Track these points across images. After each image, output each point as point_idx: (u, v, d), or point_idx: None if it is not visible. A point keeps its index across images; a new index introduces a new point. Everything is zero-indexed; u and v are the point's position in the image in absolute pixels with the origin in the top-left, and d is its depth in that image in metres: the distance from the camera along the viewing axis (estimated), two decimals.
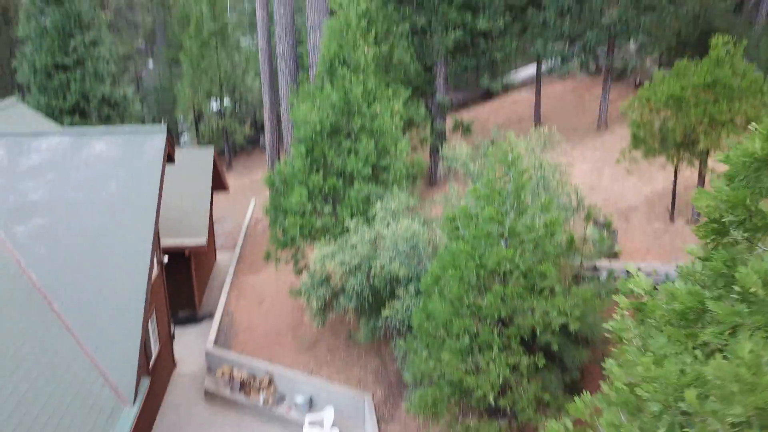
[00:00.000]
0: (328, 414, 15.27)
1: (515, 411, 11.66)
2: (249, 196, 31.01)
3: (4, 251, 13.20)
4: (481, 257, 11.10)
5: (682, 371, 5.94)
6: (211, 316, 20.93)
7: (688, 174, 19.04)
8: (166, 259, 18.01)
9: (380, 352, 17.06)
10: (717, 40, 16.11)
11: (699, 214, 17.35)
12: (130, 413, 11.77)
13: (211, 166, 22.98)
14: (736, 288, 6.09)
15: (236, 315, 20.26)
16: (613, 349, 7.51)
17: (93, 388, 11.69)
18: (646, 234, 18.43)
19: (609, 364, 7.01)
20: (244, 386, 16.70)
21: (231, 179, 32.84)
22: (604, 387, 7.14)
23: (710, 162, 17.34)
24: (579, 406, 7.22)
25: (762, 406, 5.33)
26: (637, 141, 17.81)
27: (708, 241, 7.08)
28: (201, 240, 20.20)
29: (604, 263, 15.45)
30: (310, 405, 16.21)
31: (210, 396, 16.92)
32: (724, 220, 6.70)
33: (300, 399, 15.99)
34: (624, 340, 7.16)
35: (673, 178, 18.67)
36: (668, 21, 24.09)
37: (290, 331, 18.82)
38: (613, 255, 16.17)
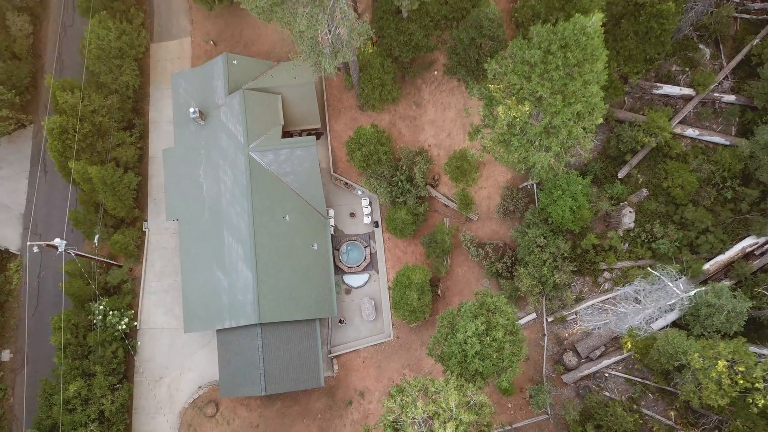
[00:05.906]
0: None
1: None
2: None
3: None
4: None
5: None
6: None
7: None
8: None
9: None
10: None
11: None
12: (328, 222, 55.71)
13: None
14: None
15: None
16: None
17: (316, 215, 54.96)
18: None
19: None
20: (346, 185, 57.62)
21: None
22: None
23: None
24: None
25: None
26: None
27: None
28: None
29: None
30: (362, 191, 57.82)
31: (334, 184, 58.77)
32: None
33: (360, 191, 57.21)
34: None
35: None
36: None
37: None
38: None
